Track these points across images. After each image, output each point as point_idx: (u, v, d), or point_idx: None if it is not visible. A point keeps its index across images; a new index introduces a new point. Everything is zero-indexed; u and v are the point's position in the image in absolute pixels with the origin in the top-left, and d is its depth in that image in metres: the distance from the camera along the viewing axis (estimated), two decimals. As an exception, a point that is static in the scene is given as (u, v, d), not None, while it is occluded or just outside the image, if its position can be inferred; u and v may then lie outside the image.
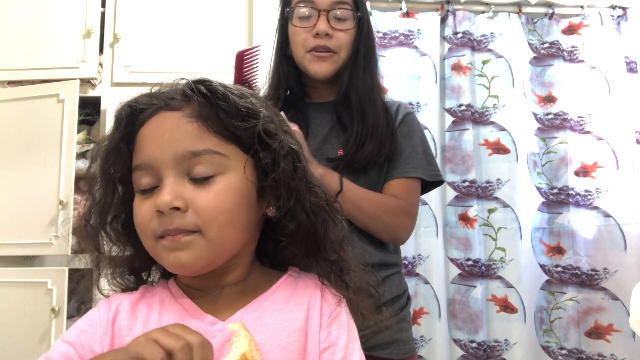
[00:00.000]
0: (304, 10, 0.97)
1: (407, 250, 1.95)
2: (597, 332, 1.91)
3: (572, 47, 2.11)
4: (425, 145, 1.06)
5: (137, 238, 0.57)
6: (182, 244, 0.52)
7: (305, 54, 0.99)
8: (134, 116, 0.57)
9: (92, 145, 1.92)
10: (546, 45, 2.13)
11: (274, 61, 1.09)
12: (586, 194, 2.00)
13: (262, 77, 1.04)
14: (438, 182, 1.09)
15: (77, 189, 1.87)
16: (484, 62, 2.08)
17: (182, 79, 0.59)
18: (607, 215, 1.96)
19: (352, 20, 0.99)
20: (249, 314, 0.56)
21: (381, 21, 2.09)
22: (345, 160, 0.97)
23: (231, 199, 0.54)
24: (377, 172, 1.01)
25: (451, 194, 2.03)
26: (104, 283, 0.63)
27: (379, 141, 0.98)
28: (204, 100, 0.55)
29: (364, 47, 1.01)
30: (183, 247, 0.52)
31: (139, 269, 0.62)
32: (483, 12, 2.13)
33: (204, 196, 0.53)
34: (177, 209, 0.52)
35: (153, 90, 0.58)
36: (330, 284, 0.60)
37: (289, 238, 0.59)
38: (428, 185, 1.07)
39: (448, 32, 2.11)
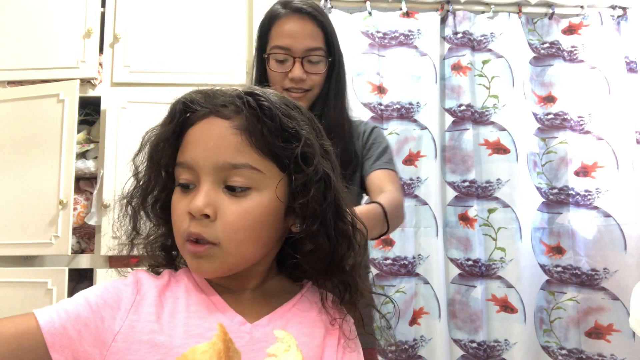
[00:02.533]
0: (280, 56, 1.04)
1: (407, 250, 1.96)
2: (597, 332, 1.91)
3: (572, 47, 2.11)
4: (392, 152, 1.14)
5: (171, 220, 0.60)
6: (206, 254, 0.55)
7: (283, 92, 1.06)
8: (186, 113, 0.58)
9: (92, 145, 1.93)
10: (546, 45, 2.13)
11: None
12: (586, 194, 2.00)
13: None
14: None
15: (77, 189, 1.87)
16: (484, 62, 2.09)
17: (236, 89, 0.61)
18: (607, 215, 1.96)
19: (324, 64, 1.06)
20: (275, 321, 0.58)
21: (381, 21, 2.09)
22: None
23: (256, 217, 0.56)
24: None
25: (451, 194, 2.04)
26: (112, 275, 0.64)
27: (346, 165, 1.03)
28: (251, 114, 0.56)
29: (334, 86, 1.09)
30: (205, 256, 0.56)
31: (170, 247, 0.64)
32: (483, 12, 2.13)
33: (232, 209, 0.55)
34: (206, 216, 0.54)
35: (209, 90, 0.59)
36: (342, 302, 0.62)
37: (303, 257, 0.60)
38: None
39: (448, 32, 2.11)
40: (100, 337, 0.50)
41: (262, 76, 1.11)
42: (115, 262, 1.73)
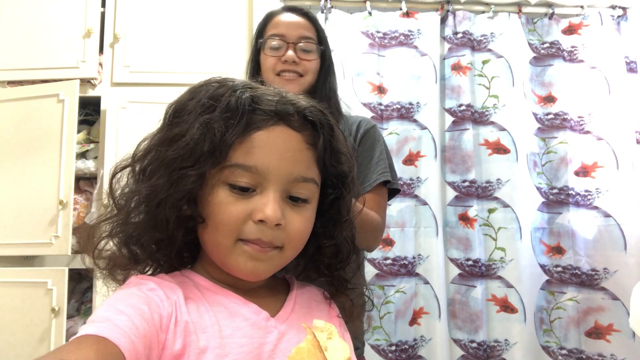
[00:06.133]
0: (274, 42, 1.10)
1: (407, 250, 1.96)
2: (597, 332, 1.91)
3: (572, 47, 2.11)
4: (388, 155, 1.14)
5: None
6: (266, 256, 0.56)
7: (275, 77, 1.10)
8: (252, 112, 0.56)
9: (92, 145, 1.93)
10: (546, 45, 2.13)
11: None
12: (586, 194, 2.00)
13: None
14: (395, 191, 1.16)
15: (77, 189, 1.87)
16: (484, 62, 2.09)
17: (284, 92, 0.61)
18: (607, 215, 1.96)
19: (315, 52, 1.11)
20: (290, 314, 0.60)
21: (381, 21, 2.09)
22: None
23: (310, 228, 0.60)
24: None
25: (451, 194, 2.04)
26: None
27: None
28: (321, 132, 0.59)
29: (324, 76, 1.14)
30: (265, 259, 0.56)
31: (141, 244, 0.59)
32: (483, 12, 2.13)
33: (297, 219, 0.57)
34: (277, 224, 0.55)
35: (262, 90, 0.59)
36: (335, 296, 0.67)
37: (324, 257, 0.65)
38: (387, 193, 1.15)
39: (448, 32, 2.11)
40: (156, 349, 0.48)
41: (255, 69, 1.15)
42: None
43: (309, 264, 0.66)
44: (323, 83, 1.14)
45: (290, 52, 1.07)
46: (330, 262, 0.65)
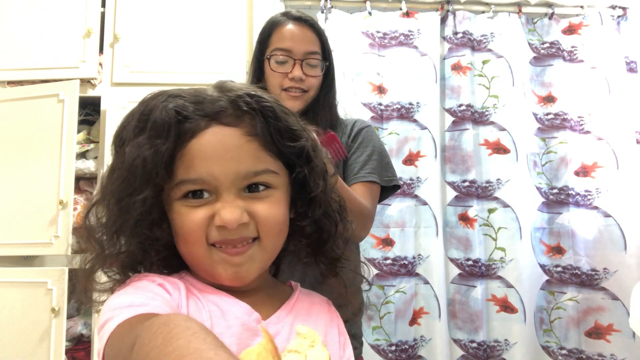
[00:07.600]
0: (281, 57, 1.11)
1: (407, 250, 1.96)
2: (597, 332, 1.91)
3: (572, 47, 2.11)
4: (382, 153, 1.16)
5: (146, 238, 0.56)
6: (244, 258, 0.56)
7: (281, 92, 1.13)
8: (180, 123, 0.55)
9: (92, 145, 1.93)
10: (546, 45, 2.13)
11: None
12: (586, 194, 2.00)
13: None
14: (395, 187, 1.17)
15: (77, 189, 1.87)
16: (484, 62, 2.08)
17: (220, 82, 0.59)
18: (607, 215, 1.96)
19: (320, 67, 1.14)
20: (284, 318, 0.59)
21: (381, 21, 2.09)
22: None
23: (282, 211, 0.59)
24: None
25: (451, 194, 2.04)
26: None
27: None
28: (259, 118, 0.57)
29: (326, 88, 1.18)
30: (243, 262, 0.56)
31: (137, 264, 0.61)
32: (483, 12, 2.13)
33: (262, 207, 0.56)
34: (242, 224, 0.55)
35: (190, 95, 0.56)
36: (328, 278, 0.66)
37: (305, 238, 0.64)
38: (386, 190, 1.16)
39: (448, 32, 2.11)
40: None
41: (259, 79, 1.16)
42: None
43: (291, 244, 0.65)
44: (324, 97, 1.16)
45: (297, 72, 1.09)
46: (311, 241, 0.64)
